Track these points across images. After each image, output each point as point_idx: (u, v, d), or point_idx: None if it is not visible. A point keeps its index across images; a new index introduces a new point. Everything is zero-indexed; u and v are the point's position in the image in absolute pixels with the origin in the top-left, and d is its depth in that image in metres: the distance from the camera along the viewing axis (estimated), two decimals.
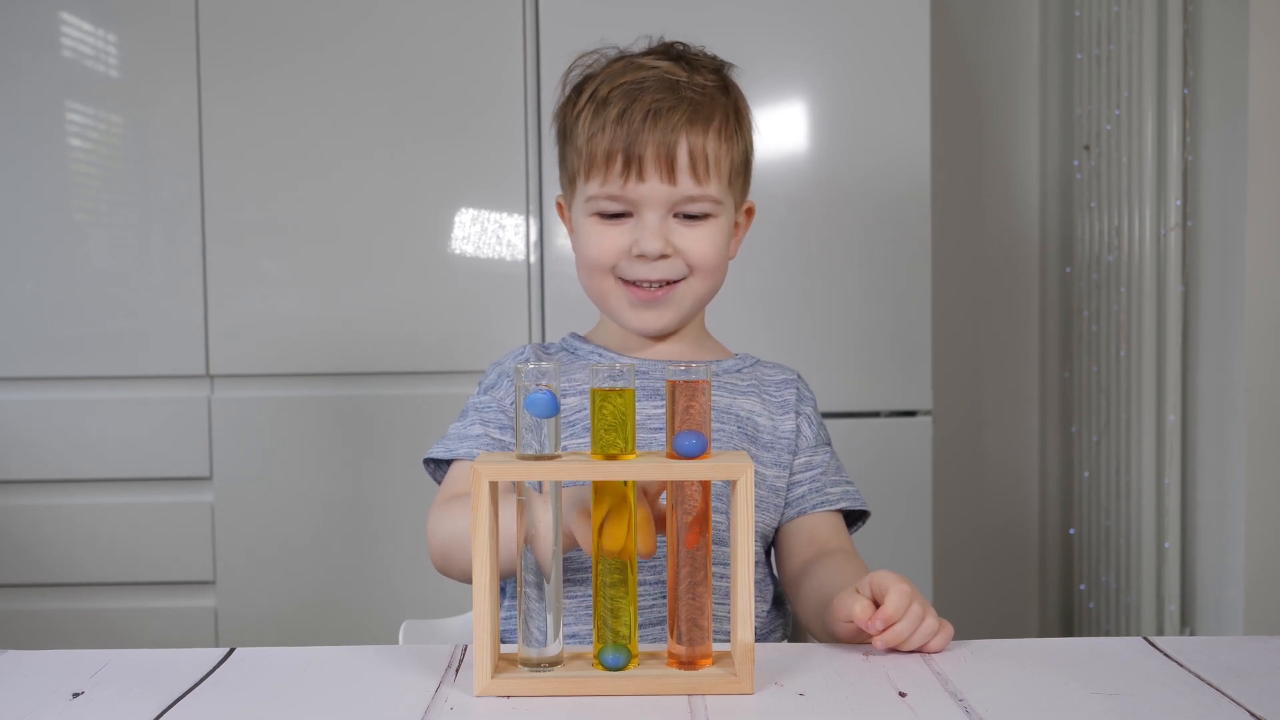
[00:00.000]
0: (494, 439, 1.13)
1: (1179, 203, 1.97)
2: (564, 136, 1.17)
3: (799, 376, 1.23)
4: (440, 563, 1.09)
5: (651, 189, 1.10)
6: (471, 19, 2.02)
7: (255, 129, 2.02)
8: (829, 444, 1.21)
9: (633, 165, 1.09)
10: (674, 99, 1.10)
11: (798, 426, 1.18)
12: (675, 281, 1.13)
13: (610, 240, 1.12)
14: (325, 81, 2.02)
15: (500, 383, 1.18)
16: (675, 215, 1.12)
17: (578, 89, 1.15)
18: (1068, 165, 2.34)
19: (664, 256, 1.11)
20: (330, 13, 2.02)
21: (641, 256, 1.11)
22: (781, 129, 2.00)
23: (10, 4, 2.00)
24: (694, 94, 1.11)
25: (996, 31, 2.44)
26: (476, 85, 2.02)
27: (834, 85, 2.00)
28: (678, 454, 0.83)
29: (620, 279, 1.13)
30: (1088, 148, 2.21)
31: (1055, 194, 2.40)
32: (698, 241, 1.12)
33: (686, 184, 1.10)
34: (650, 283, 1.12)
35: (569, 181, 1.17)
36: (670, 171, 1.09)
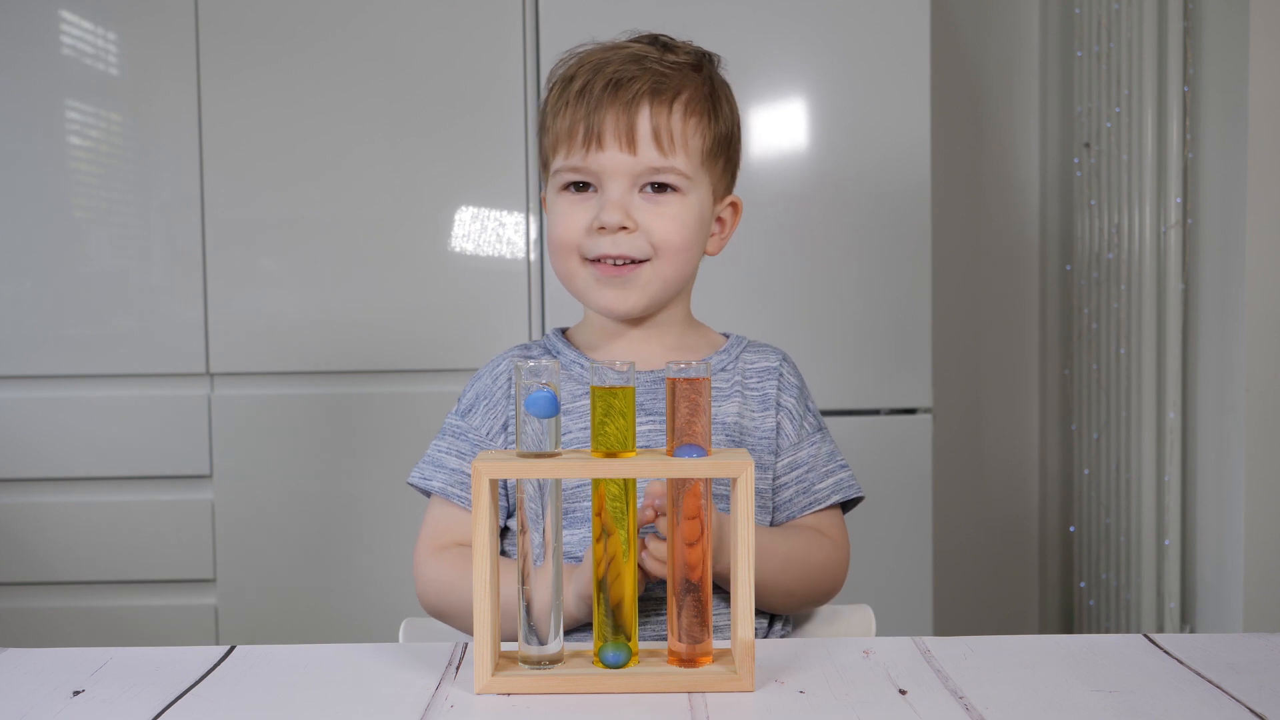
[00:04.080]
0: (468, 474, 1.13)
1: (1179, 200, 1.97)
2: (540, 127, 1.16)
3: (784, 360, 1.19)
4: (433, 613, 1.13)
5: (612, 159, 1.08)
6: (471, 16, 2.02)
7: (255, 127, 2.02)
8: (820, 429, 1.18)
9: (593, 136, 1.08)
10: (637, 69, 1.09)
11: (777, 424, 1.15)
12: (640, 261, 1.10)
13: (574, 217, 1.10)
14: (325, 80, 2.02)
15: (477, 405, 1.16)
16: (641, 190, 1.10)
17: (555, 81, 1.15)
18: (1068, 163, 2.34)
19: (624, 229, 1.08)
20: (330, 11, 2.02)
21: (602, 229, 1.08)
22: (782, 128, 2.00)
23: (10, 2, 2.00)
24: (660, 68, 1.09)
25: (996, 30, 2.44)
26: (476, 83, 2.02)
27: (834, 84, 2.00)
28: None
29: (585, 259, 1.11)
30: (1088, 145, 2.21)
31: (1055, 192, 2.40)
32: (661, 218, 1.09)
33: (649, 154, 1.08)
34: (612, 259, 1.10)
35: (544, 168, 1.16)
36: (630, 141, 1.07)
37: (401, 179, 2.03)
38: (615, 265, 1.10)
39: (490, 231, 2.03)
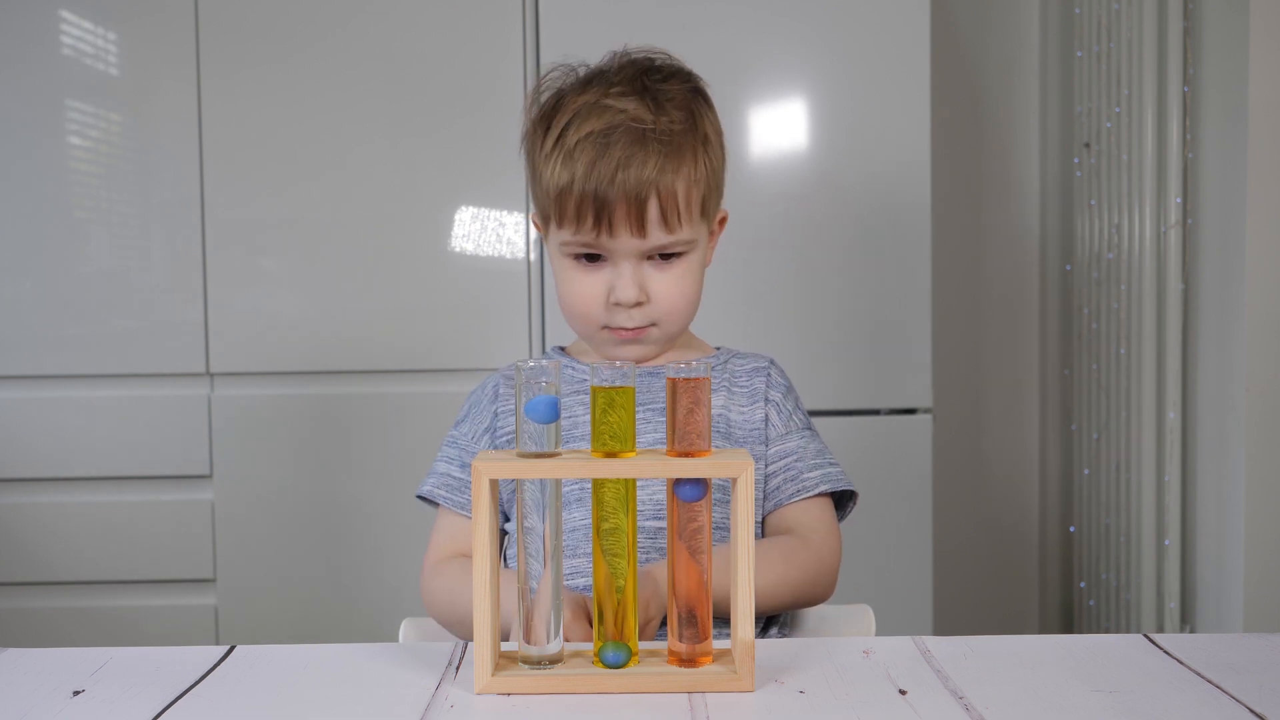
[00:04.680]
0: (456, 478, 1.20)
1: (1179, 200, 1.97)
2: (533, 172, 1.16)
3: (772, 363, 1.23)
4: (441, 624, 1.16)
5: (622, 242, 1.11)
6: (471, 16, 2.02)
7: (255, 127, 2.02)
8: (808, 427, 1.21)
9: (603, 222, 1.10)
10: (643, 154, 1.09)
11: (766, 415, 1.19)
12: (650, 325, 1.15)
13: (588, 288, 1.14)
14: (325, 79, 2.02)
15: (469, 414, 1.22)
16: (649, 258, 1.13)
17: (545, 120, 1.14)
18: (1068, 163, 2.34)
19: (639, 304, 1.13)
20: (329, 11, 2.02)
21: (618, 304, 1.13)
22: (782, 128, 2.00)
23: (10, 2, 2.00)
24: (661, 144, 1.10)
25: (996, 30, 2.44)
26: (476, 82, 2.02)
27: (834, 85, 2.00)
28: (679, 499, 0.84)
29: (600, 325, 1.16)
30: (1088, 145, 2.21)
31: (1055, 192, 2.40)
32: (669, 285, 1.13)
33: (657, 235, 1.11)
34: (627, 329, 1.15)
35: (541, 216, 1.17)
36: (640, 226, 1.10)
37: (401, 179, 2.03)
38: (630, 330, 1.15)
39: (490, 231, 2.03)
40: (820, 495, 1.17)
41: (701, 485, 0.84)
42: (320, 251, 2.03)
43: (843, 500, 1.20)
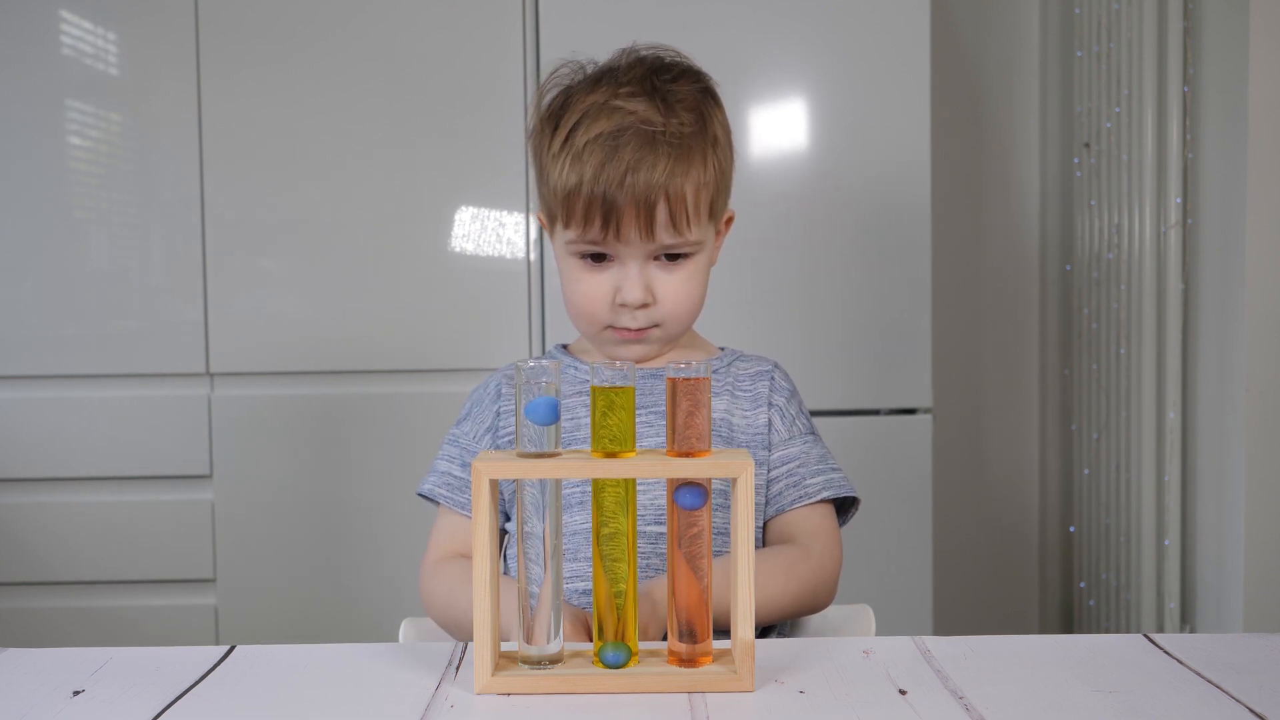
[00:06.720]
0: (457, 477, 1.19)
1: (1179, 200, 1.97)
2: (539, 170, 1.16)
3: (776, 366, 1.22)
4: (440, 625, 1.16)
5: (630, 244, 1.10)
6: (471, 16, 2.02)
7: (255, 127, 2.02)
8: (811, 432, 1.20)
9: (611, 224, 1.09)
10: (652, 157, 1.08)
11: (769, 420, 1.18)
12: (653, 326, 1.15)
13: (594, 288, 1.13)
14: (325, 79, 2.02)
15: (471, 413, 1.22)
16: (655, 258, 1.12)
17: (554, 119, 1.13)
18: (1068, 163, 2.34)
19: (644, 306, 1.12)
20: (330, 11, 2.02)
21: (624, 305, 1.12)
22: (782, 128, 2.00)
23: (10, 2, 2.00)
24: (671, 146, 1.09)
25: (996, 30, 2.44)
26: (476, 82, 2.02)
27: (834, 85, 2.00)
28: (679, 506, 0.84)
29: (604, 325, 1.15)
30: (1088, 145, 2.21)
31: (1055, 192, 2.40)
32: (674, 287, 1.13)
33: (664, 236, 1.10)
34: (631, 329, 1.15)
35: (547, 214, 1.17)
36: (648, 229, 1.09)
37: (401, 179, 2.03)
38: (633, 330, 1.14)
39: (490, 231, 2.03)
40: (822, 501, 1.17)
41: (701, 493, 0.84)
42: (320, 251, 2.03)
43: (844, 505, 1.20)
